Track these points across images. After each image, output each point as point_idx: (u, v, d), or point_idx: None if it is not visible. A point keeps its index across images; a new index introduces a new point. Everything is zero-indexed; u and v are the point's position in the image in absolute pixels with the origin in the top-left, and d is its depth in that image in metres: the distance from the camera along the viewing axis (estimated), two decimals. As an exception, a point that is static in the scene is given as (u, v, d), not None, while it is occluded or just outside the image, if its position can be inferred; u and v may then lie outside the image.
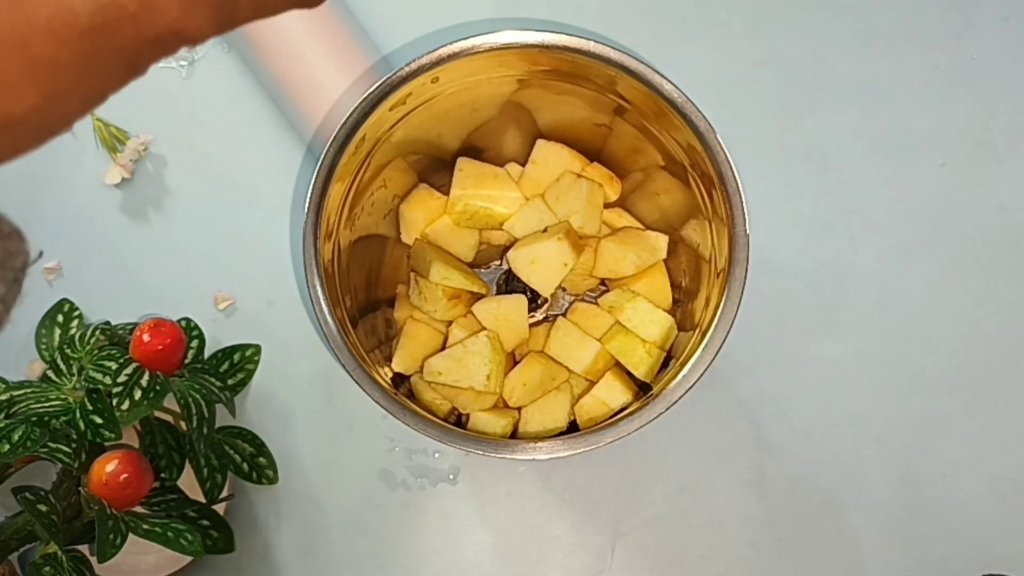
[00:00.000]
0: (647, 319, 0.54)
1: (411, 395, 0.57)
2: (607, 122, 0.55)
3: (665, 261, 0.57)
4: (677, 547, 0.58)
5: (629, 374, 0.55)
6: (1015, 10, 0.63)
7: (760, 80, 0.62)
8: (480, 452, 0.48)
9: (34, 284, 0.60)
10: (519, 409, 0.56)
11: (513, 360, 0.57)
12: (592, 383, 0.55)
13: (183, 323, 0.55)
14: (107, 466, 0.48)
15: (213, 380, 0.54)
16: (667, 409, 0.47)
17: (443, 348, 0.56)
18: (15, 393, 0.50)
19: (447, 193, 0.58)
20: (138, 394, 0.48)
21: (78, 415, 0.49)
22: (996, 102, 0.62)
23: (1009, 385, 0.59)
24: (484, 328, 0.55)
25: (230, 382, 0.57)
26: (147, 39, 0.23)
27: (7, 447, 0.46)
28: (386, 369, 0.56)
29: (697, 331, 0.50)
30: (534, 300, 0.58)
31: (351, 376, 0.47)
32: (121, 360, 0.50)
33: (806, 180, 0.61)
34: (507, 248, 0.58)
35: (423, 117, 0.53)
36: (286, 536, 0.58)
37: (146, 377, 0.49)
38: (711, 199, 0.50)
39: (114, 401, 0.48)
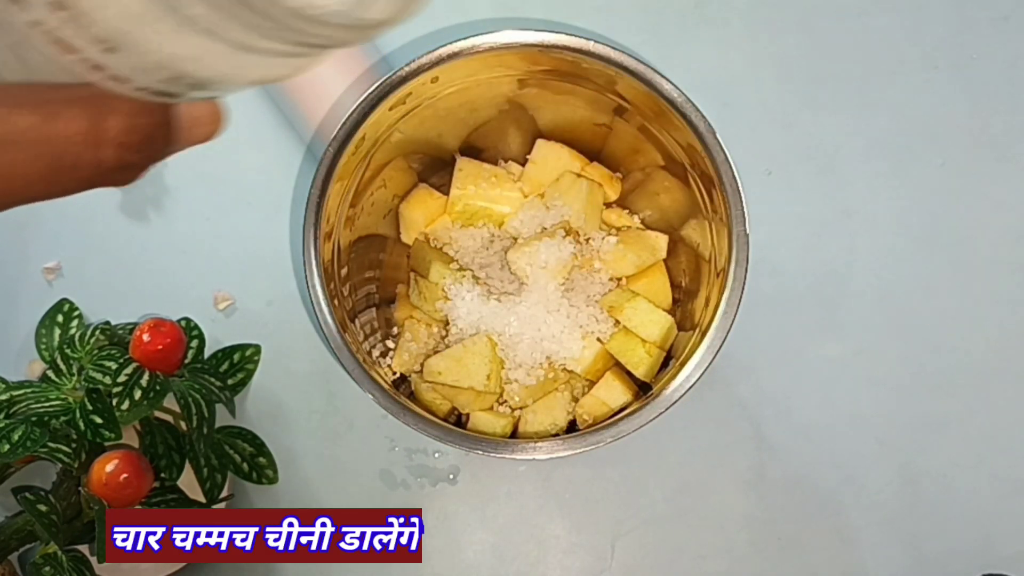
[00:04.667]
0: (647, 319, 0.54)
1: (411, 395, 0.56)
2: (607, 122, 0.55)
3: (665, 261, 0.57)
4: (677, 547, 0.58)
5: (629, 374, 0.55)
6: (1015, 10, 0.63)
7: (760, 80, 0.62)
8: (480, 452, 0.48)
9: (34, 284, 0.60)
10: (519, 409, 0.56)
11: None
12: (592, 383, 0.55)
13: (183, 323, 0.55)
14: (107, 466, 0.48)
15: (213, 380, 0.54)
16: (667, 409, 0.47)
17: (442, 347, 0.56)
18: (15, 393, 0.50)
19: (447, 193, 0.57)
20: (138, 394, 0.48)
21: (78, 415, 0.49)
22: (996, 102, 0.62)
23: (1009, 385, 0.59)
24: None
25: (230, 382, 0.57)
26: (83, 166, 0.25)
27: (7, 447, 0.46)
28: (386, 369, 0.56)
29: (697, 331, 0.50)
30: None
31: (351, 376, 0.47)
32: (121, 360, 0.50)
33: (806, 180, 0.61)
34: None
35: (423, 117, 0.53)
36: (286, 536, 0.58)
37: (146, 377, 0.49)
38: (711, 199, 0.50)
39: (114, 401, 0.48)
